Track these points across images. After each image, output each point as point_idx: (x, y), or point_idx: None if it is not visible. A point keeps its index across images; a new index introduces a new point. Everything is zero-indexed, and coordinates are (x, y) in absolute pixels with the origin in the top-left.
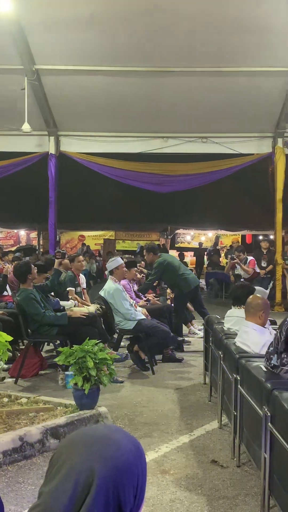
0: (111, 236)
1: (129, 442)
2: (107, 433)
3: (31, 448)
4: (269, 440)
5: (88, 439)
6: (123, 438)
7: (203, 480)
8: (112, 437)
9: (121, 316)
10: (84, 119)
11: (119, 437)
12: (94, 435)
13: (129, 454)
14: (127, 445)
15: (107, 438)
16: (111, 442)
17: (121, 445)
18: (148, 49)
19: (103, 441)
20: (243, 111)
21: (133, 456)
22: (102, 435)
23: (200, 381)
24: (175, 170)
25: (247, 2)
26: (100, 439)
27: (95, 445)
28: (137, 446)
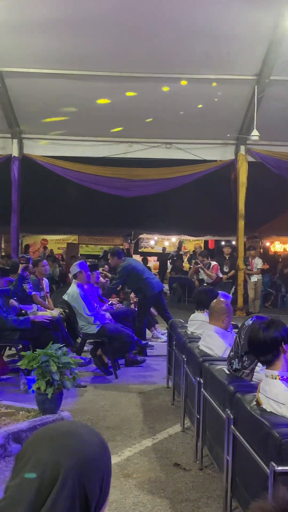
0: (74, 240)
1: (94, 436)
2: (71, 427)
3: None
4: (232, 443)
5: (53, 434)
6: (88, 432)
7: (166, 483)
8: (77, 431)
9: (84, 320)
10: (48, 122)
11: (84, 431)
12: (59, 430)
13: (94, 448)
14: (92, 439)
15: (72, 432)
16: (76, 436)
17: (86, 439)
18: (113, 54)
19: (68, 435)
20: (207, 118)
21: (98, 450)
22: (67, 429)
23: (163, 385)
24: (139, 175)
25: (212, 10)
26: (65, 433)
27: (60, 439)
28: (102, 441)
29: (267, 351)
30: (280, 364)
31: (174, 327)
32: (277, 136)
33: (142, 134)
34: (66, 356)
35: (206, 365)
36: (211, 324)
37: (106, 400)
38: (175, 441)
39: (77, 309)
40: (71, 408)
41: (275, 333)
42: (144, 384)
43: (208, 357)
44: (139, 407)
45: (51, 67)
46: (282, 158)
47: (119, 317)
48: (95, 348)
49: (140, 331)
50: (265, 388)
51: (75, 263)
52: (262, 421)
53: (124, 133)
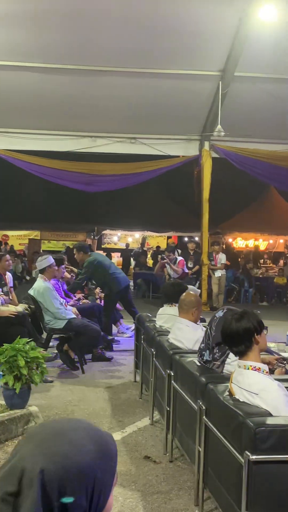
0: (36, 236)
1: (90, 442)
2: (66, 429)
3: None
4: (204, 434)
5: (44, 433)
6: (84, 437)
7: (137, 476)
8: (69, 434)
9: (51, 315)
10: (11, 115)
11: (79, 435)
12: (52, 429)
13: (84, 455)
14: (84, 444)
15: (64, 435)
16: (66, 439)
17: (76, 444)
18: (77, 48)
19: (57, 438)
20: (171, 113)
21: (89, 457)
22: (60, 431)
23: (130, 379)
24: (103, 170)
25: (177, 5)
26: (56, 435)
27: (49, 441)
28: (101, 447)
29: (240, 342)
30: (252, 355)
31: (141, 321)
32: (241, 132)
33: (107, 129)
34: (34, 351)
35: (177, 357)
36: (181, 317)
37: (74, 395)
38: (144, 434)
39: (43, 304)
40: (39, 403)
41: (247, 323)
42: (112, 379)
43: (178, 349)
44: (107, 401)
45: (14, 59)
46: (245, 155)
47: (86, 312)
48: (61, 343)
49: (107, 326)
50: (238, 379)
51: (42, 257)
52: (235, 411)
53: (88, 127)
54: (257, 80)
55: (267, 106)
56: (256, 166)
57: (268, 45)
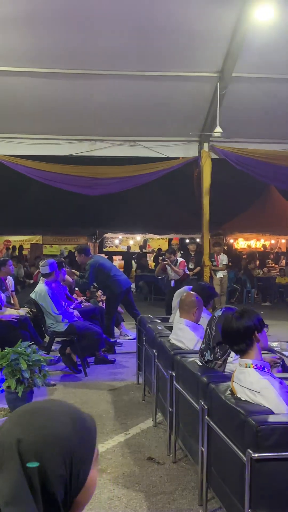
0: (38, 240)
1: (67, 416)
2: (45, 405)
3: None
4: (206, 433)
5: (25, 409)
6: (62, 411)
7: (140, 477)
8: (48, 408)
9: (52, 319)
10: (10, 120)
11: (57, 409)
12: (32, 406)
13: (60, 426)
14: (61, 417)
15: (42, 409)
16: (44, 412)
17: (54, 416)
18: (75, 52)
19: (36, 411)
20: (170, 115)
21: (66, 429)
22: (40, 406)
23: (133, 381)
24: (103, 173)
25: (173, 6)
26: (35, 409)
27: (27, 415)
28: (78, 422)
29: (241, 340)
30: (253, 353)
31: (143, 323)
32: (240, 132)
33: (106, 132)
34: (36, 354)
35: (178, 358)
36: (182, 318)
37: (77, 397)
38: (147, 436)
39: (45, 307)
40: None
41: (248, 322)
42: (114, 381)
43: (180, 350)
44: (110, 403)
45: (11, 65)
46: (245, 155)
47: (87, 315)
48: (63, 346)
49: (109, 329)
50: (239, 377)
51: (45, 262)
52: (237, 410)
53: (87, 131)
54: (255, 80)
55: (266, 106)
56: (256, 166)
57: (266, 45)
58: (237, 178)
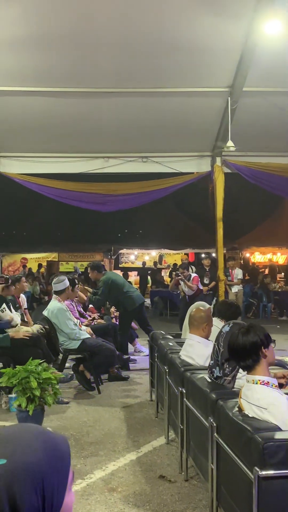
0: (54, 257)
1: (36, 442)
2: (13, 433)
3: None
4: (216, 451)
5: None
6: (30, 438)
7: (151, 496)
8: (15, 437)
9: (65, 336)
10: (24, 140)
11: (26, 436)
12: (1, 434)
13: (29, 453)
14: (30, 444)
15: (9, 438)
16: (11, 441)
17: (22, 445)
18: (85, 70)
19: (4, 440)
20: (181, 131)
21: (35, 456)
22: (7, 433)
23: (146, 398)
24: (116, 190)
25: (182, 23)
26: (3, 438)
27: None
28: (49, 446)
29: (247, 356)
30: (260, 369)
31: (155, 339)
32: (252, 146)
33: (118, 149)
34: (47, 372)
35: (188, 374)
36: (192, 333)
37: (89, 415)
38: (159, 454)
39: (57, 325)
40: (54, 425)
41: (254, 337)
42: (128, 398)
43: (190, 366)
44: (122, 421)
45: (23, 84)
46: (258, 169)
47: (100, 332)
48: (76, 363)
49: (122, 345)
50: (247, 394)
51: (57, 279)
52: (244, 427)
53: (100, 148)
54: (266, 94)
55: (278, 119)
56: (269, 179)
57: (276, 58)
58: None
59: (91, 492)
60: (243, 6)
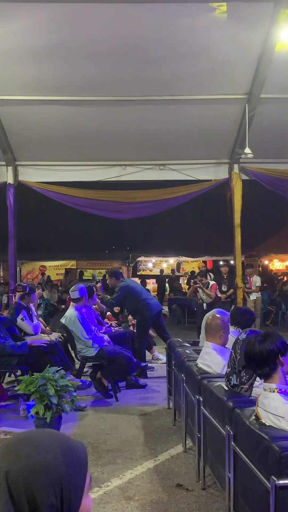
0: (73, 265)
1: (55, 444)
2: (33, 435)
3: None
4: (233, 459)
5: (13, 440)
6: (49, 439)
7: (169, 505)
8: (35, 438)
9: (82, 344)
10: (42, 148)
11: (45, 438)
12: (21, 436)
13: (50, 455)
14: (49, 446)
15: (29, 439)
16: (31, 442)
17: (40, 445)
18: (104, 79)
19: (23, 442)
20: (199, 138)
21: (54, 458)
22: (28, 436)
23: (164, 406)
24: (134, 197)
25: (200, 30)
26: (23, 439)
27: (15, 445)
28: (66, 449)
29: (264, 364)
30: (277, 377)
31: (172, 347)
32: (270, 153)
33: (136, 157)
34: (64, 379)
35: (205, 382)
36: (208, 342)
37: (107, 423)
38: (177, 462)
39: (75, 332)
40: (71, 432)
41: (271, 345)
42: (145, 406)
43: (207, 374)
44: (140, 429)
45: (42, 93)
46: (275, 175)
47: (118, 340)
48: (94, 371)
49: (140, 353)
50: (264, 402)
51: (75, 287)
52: (261, 435)
53: (117, 156)
54: (283, 101)
55: None
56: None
57: None
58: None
59: (108, 500)
60: (260, 14)
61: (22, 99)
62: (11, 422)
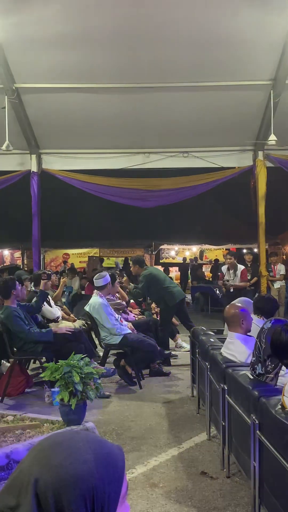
0: (96, 253)
1: (89, 452)
2: (65, 440)
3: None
4: (258, 448)
5: (44, 445)
6: (83, 447)
7: (193, 492)
8: (67, 444)
9: (106, 331)
10: (66, 136)
11: (78, 445)
12: (52, 441)
13: (81, 464)
14: (83, 454)
15: (61, 445)
16: (63, 449)
17: (73, 453)
18: (127, 66)
19: (55, 448)
20: (223, 125)
21: (86, 466)
22: (59, 441)
23: (187, 394)
24: (157, 185)
25: (224, 16)
26: (55, 445)
27: (46, 452)
28: (101, 457)
29: None
30: None
31: (196, 335)
32: None
33: (159, 144)
34: (89, 367)
35: (230, 371)
36: (231, 331)
37: (131, 410)
38: (201, 450)
39: (98, 320)
40: (96, 419)
41: None
42: (169, 393)
43: (232, 363)
44: (164, 416)
45: (66, 81)
46: None
47: (141, 328)
48: (118, 358)
49: (163, 341)
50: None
51: (99, 275)
52: (287, 425)
53: (141, 143)
54: None
55: None
56: None
57: None
58: None
59: (132, 487)
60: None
61: (45, 87)
62: (36, 408)
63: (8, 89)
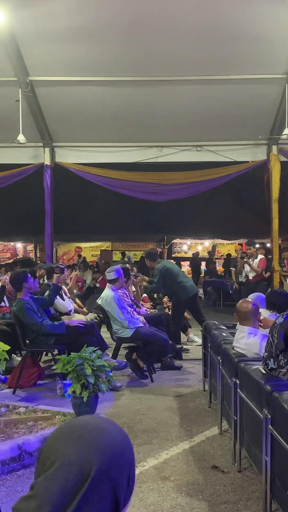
0: (108, 247)
1: (118, 431)
2: (97, 423)
3: (29, 457)
4: (270, 443)
5: (79, 431)
6: (113, 428)
7: (204, 486)
8: (103, 427)
9: (118, 324)
10: (79, 129)
11: (110, 427)
12: (85, 426)
13: (121, 444)
14: (118, 435)
15: (99, 428)
16: (103, 432)
17: (113, 435)
18: (140, 59)
19: (95, 432)
20: (237, 119)
21: (124, 445)
22: (93, 426)
23: (199, 388)
24: (170, 179)
25: (238, 9)
26: (92, 430)
27: (88, 436)
28: (124, 434)
29: None
30: None
31: (208, 329)
32: None
33: (172, 138)
34: (101, 359)
35: (242, 365)
36: (241, 325)
37: (142, 403)
38: (212, 444)
39: (111, 313)
40: (108, 411)
41: None
42: (180, 387)
43: (244, 357)
44: (175, 410)
45: (80, 74)
46: None
47: (153, 321)
48: (130, 352)
49: (175, 335)
50: None
51: (111, 268)
52: None
53: (154, 137)
54: None
55: None
56: None
57: None
58: None
59: (144, 480)
60: None
61: (59, 80)
62: (48, 400)
63: (22, 82)
